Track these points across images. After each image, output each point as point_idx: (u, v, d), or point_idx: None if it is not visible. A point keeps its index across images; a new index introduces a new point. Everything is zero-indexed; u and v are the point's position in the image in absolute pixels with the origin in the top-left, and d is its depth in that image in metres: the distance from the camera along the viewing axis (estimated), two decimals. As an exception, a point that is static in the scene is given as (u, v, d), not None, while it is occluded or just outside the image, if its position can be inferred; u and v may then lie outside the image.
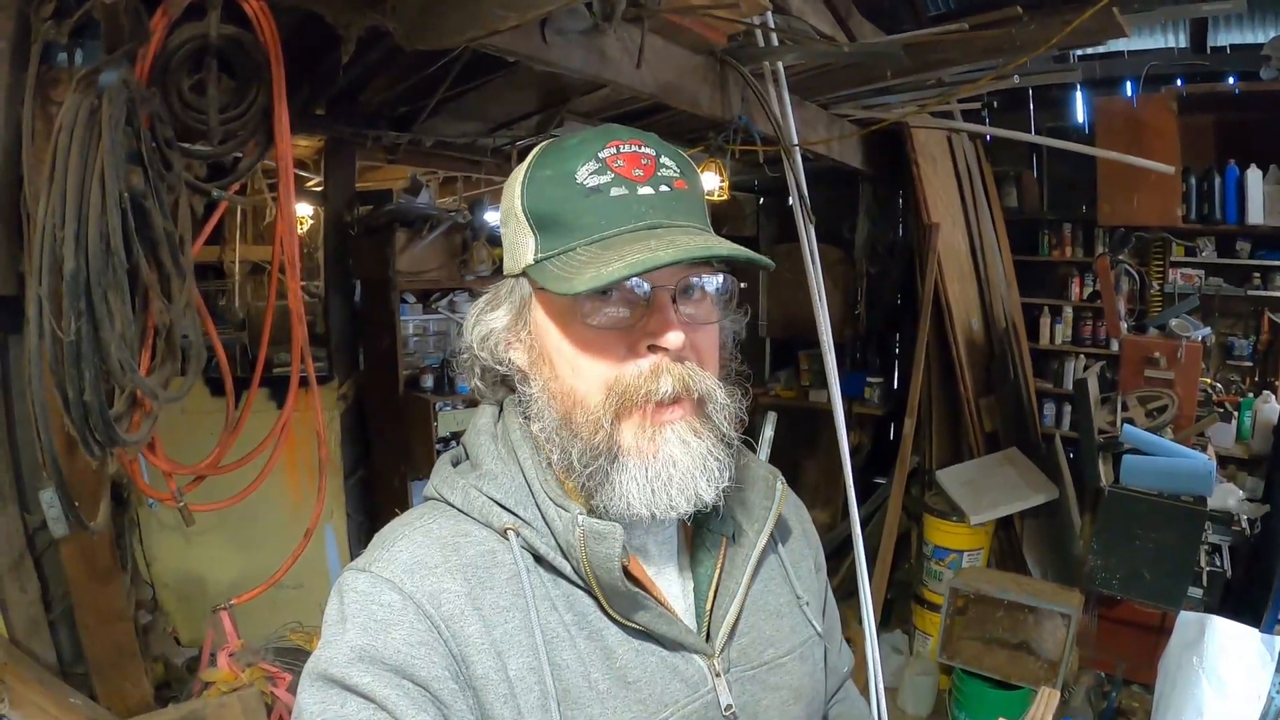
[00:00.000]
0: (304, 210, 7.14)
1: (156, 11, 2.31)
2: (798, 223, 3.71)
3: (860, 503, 4.03)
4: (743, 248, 0.91)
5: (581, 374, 0.95)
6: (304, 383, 4.90)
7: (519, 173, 0.98)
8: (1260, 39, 5.77)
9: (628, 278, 0.86)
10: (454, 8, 2.28)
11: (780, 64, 3.66)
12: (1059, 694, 2.89)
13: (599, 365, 0.94)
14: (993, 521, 4.96)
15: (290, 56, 3.27)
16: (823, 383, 4.38)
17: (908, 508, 5.42)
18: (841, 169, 5.70)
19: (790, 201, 3.81)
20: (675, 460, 0.94)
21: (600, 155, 0.93)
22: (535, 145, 3.24)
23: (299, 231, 7.53)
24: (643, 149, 0.95)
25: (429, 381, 4.75)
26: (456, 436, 4.83)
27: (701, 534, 1.08)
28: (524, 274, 0.98)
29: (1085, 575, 3.91)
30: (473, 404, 3.92)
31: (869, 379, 6.43)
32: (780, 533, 1.17)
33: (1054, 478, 5.23)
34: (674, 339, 0.92)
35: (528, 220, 0.95)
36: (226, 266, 6.64)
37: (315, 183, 5.86)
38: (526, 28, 2.62)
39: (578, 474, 0.96)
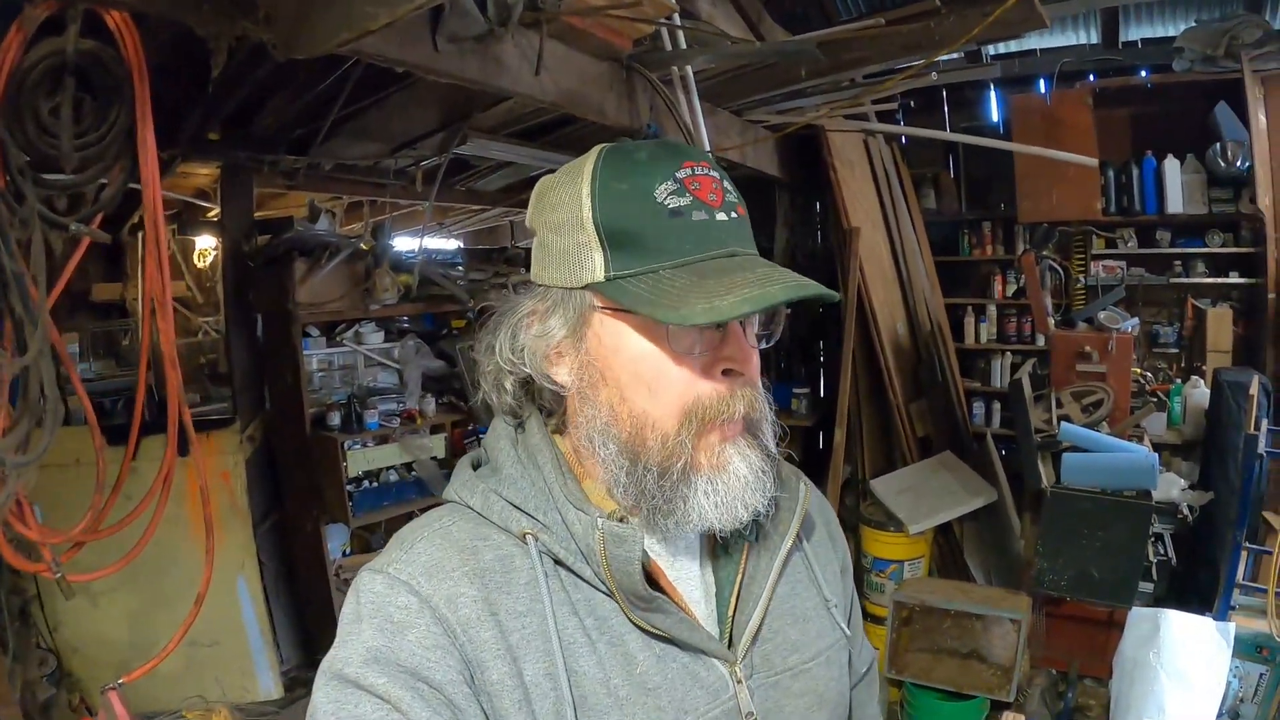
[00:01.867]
0: (207, 242, 6.92)
1: (11, 27, 2.08)
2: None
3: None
4: (822, 286, 0.92)
5: (659, 397, 0.94)
6: (204, 427, 4.67)
7: (579, 181, 0.95)
8: (1171, 32, 5.84)
9: (750, 313, 0.86)
10: (324, 10, 2.08)
11: (689, 69, 3.53)
12: (1022, 716, 2.77)
13: (678, 389, 0.93)
14: (932, 528, 4.85)
15: (177, 78, 3.06)
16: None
17: (843, 519, 5.28)
18: (758, 177, 5.61)
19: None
20: (741, 475, 0.95)
21: (678, 176, 0.92)
22: (441, 163, 3.11)
23: (203, 264, 7.35)
24: (711, 171, 0.95)
25: (336, 419, 4.52)
26: (369, 476, 4.63)
27: (722, 538, 1.05)
28: (585, 289, 0.96)
29: (1032, 579, 3.84)
30: (383, 440, 3.78)
31: (795, 390, 6.30)
32: (805, 533, 1.16)
33: (989, 478, 5.18)
34: (751, 366, 0.97)
35: (598, 233, 0.93)
36: (129, 304, 6.33)
37: (216, 212, 5.60)
38: (415, 35, 2.48)
39: (650, 497, 0.95)
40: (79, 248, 2.46)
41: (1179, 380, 5.43)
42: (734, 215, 0.95)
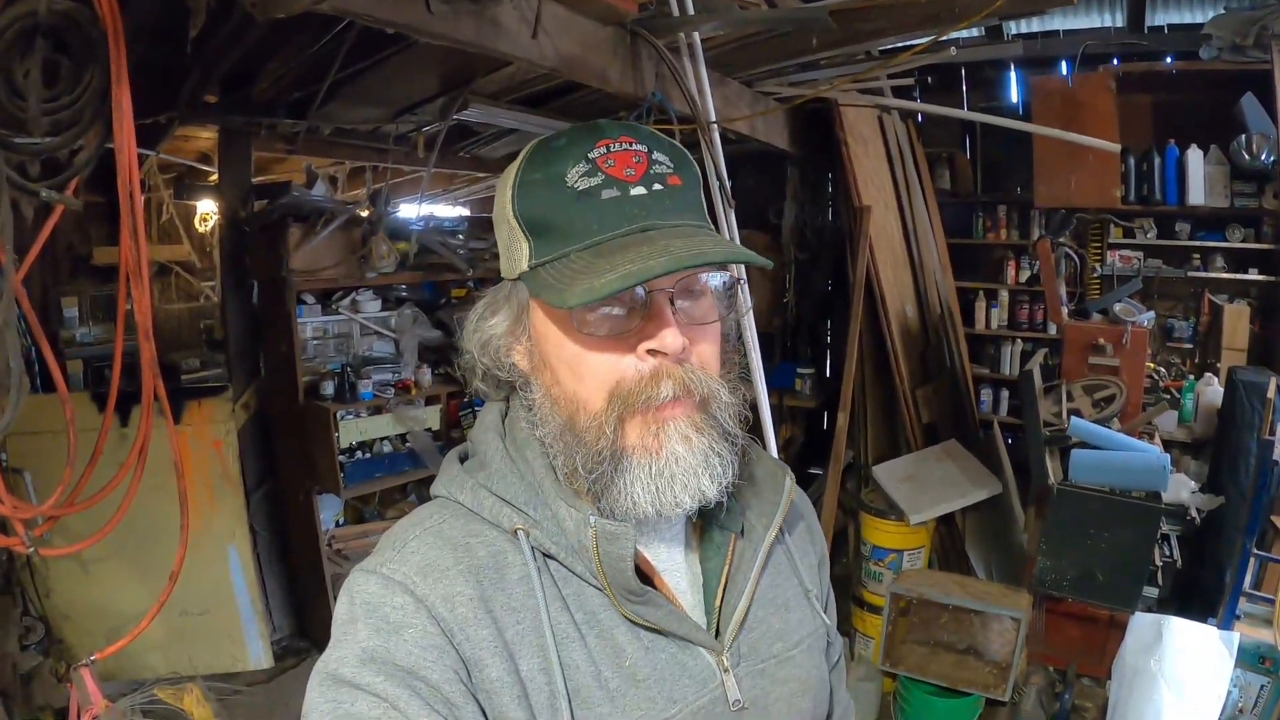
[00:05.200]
0: (208, 206, 6.89)
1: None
2: (716, 207, 3.47)
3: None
4: (738, 248, 0.92)
5: (583, 380, 0.94)
6: (197, 395, 4.61)
7: (510, 176, 0.97)
8: (1199, 19, 5.72)
9: (619, 291, 0.84)
10: (296, -34, 1.97)
11: (696, 35, 3.41)
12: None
13: (599, 371, 0.93)
14: (933, 519, 4.76)
15: (172, 39, 2.97)
16: (749, 377, 4.19)
17: (843, 503, 5.21)
18: (769, 151, 5.52)
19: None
20: (679, 457, 0.93)
21: (590, 156, 0.91)
22: (441, 131, 3.03)
23: (204, 229, 7.30)
24: (634, 146, 0.93)
25: (329, 388, 4.46)
26: (362, 446, 4.57)
27: (709, 530, 1.07)
28: (519, 280, 0.97)
29: (1034, 578, 3.74)
30: (377, 411, 3.73)
31: (799, 370, 6.22)
32: (788, 526, 1.18)
33: (994, 468, 5.08)
34: (672, 344, 0.91)
35: (520, 226, 0.94)
36: (131, 268, 6.26)
37: (216, 176, 5.53)
38: None
39: (584, 477, 0.95)
40: (52, 215, 2.36)
41: (1192, 377, 5.32)
42: (657, 188, 0.93)
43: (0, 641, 3.50)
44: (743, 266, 1.01)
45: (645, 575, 0.99)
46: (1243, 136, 5.23)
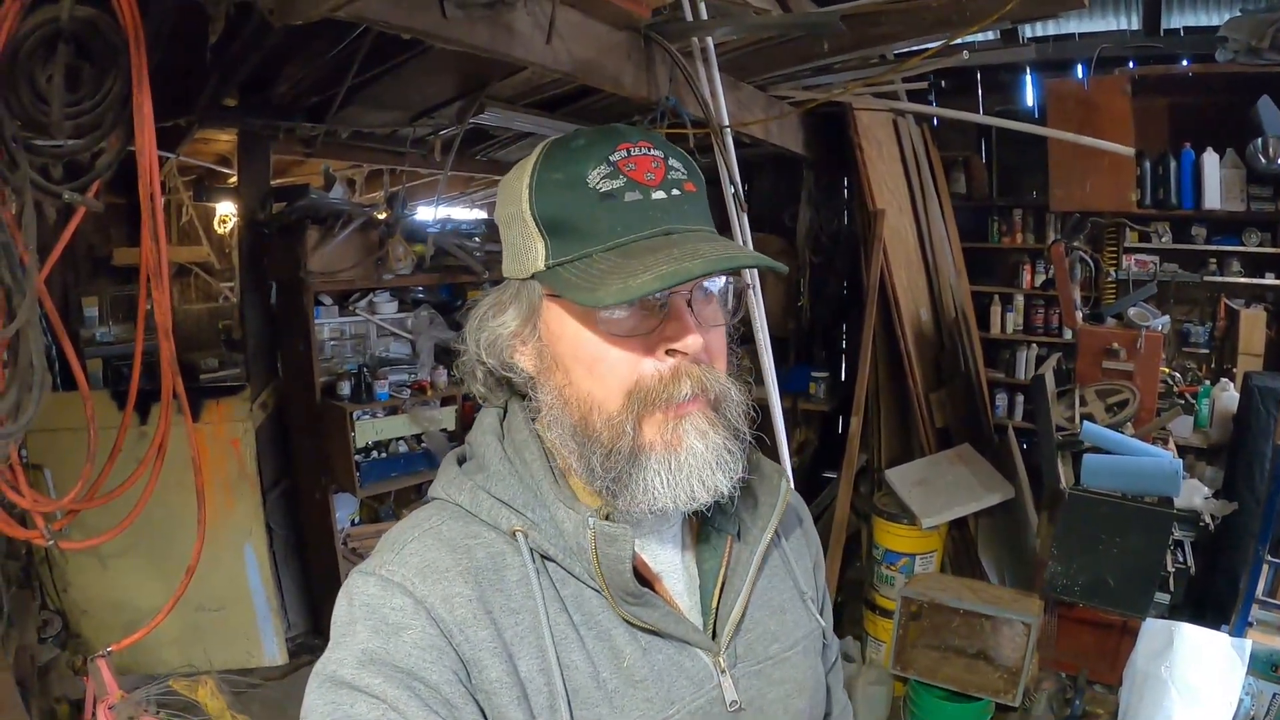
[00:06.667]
0: (227, 208, 6.95)
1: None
2: (729, 210, 3.48)
3: (809, 500, 3.82)
4: (761, 255, 0.94)
5: (600, 379, 0.94)
6: (216, 394, 4.66)
7: (523, 175, 0.97)
8: (1214, 21, 5.66)
9: (657, 291, 0.85)
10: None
11: (710, 40, 3.43)
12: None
13: (618, 370, 0.93)
14: (945, 523, 4.75)
15: (192, 44, 3.01)
16: (761, 380, 4.20)
17: (856, 507, 5.21)
18: (783, 155, 5.52)
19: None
20: (696, 452, 0.94)
21: (611, 158, 0.92)
22: (458, 135, 3.07)
23: (223, 230, 7.36)
24: (651, 151, 0.94)
25: (346, 389, 4.50)
26: (378, 446, 4.61)
27: (706, 531, 1.09)
28: (533, 279, 0.97)
29: (1045, 582, 3.73)
30: (393, 411, 3.75)
31: (814, 374, 6.23)
32: (784, 529, 1.19)
33: (1007, 472, 5.06)
34: (693, 344, 0.93)
35: (536, 225, 0.94)
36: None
37: (236, 179, 5.59)
38: (423, 2, 2.38)
39: (599, 477, 0.95)
40: (74, 216, 2.40)
41: (1208, 382, 5.29)
42: (675, 193, 0.94)
43: (19, 634, 3.54)
44: (755, 271, 1.02)
45: (643, 577, 1.00)
46: (1259, 140, 5.18)
